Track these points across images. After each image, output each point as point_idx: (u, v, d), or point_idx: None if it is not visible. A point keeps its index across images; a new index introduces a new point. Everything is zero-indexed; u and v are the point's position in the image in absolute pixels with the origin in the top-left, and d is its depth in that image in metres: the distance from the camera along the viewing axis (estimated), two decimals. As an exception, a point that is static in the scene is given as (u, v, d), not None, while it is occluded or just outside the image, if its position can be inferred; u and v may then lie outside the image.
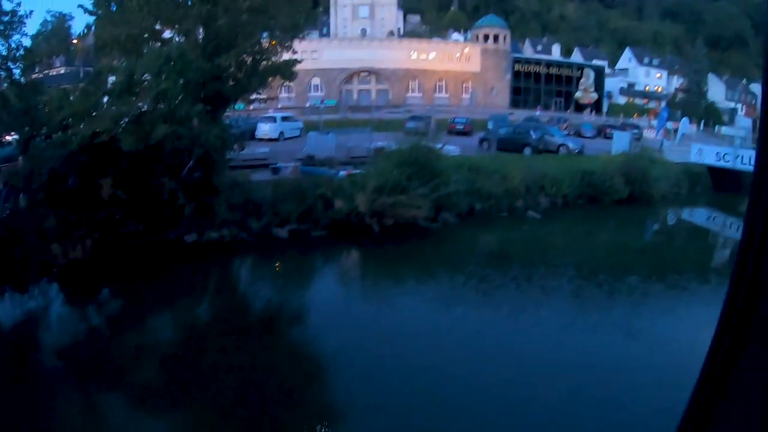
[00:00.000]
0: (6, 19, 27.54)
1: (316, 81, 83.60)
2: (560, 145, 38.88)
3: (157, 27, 22.89)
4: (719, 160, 37.50)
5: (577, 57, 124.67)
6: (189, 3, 22.27)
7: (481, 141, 39.55)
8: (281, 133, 40.23)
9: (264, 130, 39.50)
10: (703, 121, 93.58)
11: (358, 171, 24.27)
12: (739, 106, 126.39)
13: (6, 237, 19.07)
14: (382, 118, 56.11)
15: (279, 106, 62.59)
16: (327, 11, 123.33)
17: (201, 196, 20.77)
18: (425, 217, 22.48)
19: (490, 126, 48.30)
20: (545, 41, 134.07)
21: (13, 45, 27.62)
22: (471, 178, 25.44)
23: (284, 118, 42.96)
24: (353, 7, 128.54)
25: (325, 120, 46.60)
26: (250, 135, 36.36)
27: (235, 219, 21.15)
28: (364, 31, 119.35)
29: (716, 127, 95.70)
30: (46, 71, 36.69)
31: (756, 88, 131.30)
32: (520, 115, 69.43)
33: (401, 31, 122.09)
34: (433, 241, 21.69)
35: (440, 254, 21.14)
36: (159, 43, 22.47)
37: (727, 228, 31.72)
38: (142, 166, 20.47)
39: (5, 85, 27.15)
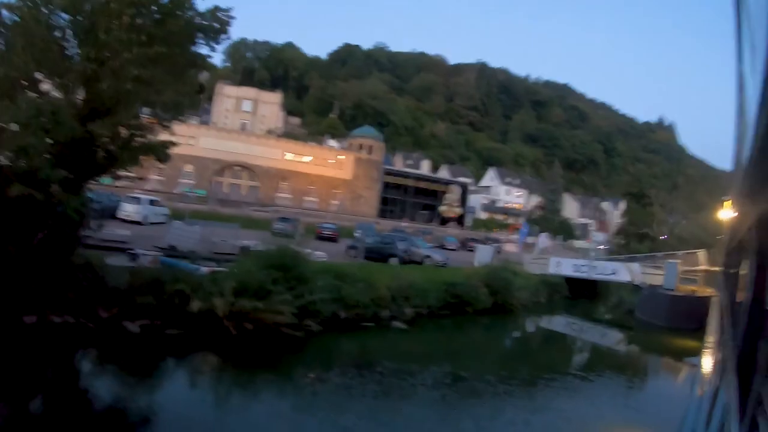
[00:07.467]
0: None
1: (188, 168, 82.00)
2: (425, 257, 39.84)
3: (38, 76, 20.22)
4: (576, 271, 39.86)
5: (444, 173, 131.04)
6: (74, 57, 20.14)
7: (349, 248, 39.60)
8: (145, 216, 38.37)
9: (127, 210, 37.49)
10: (561, 236, 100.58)
11: (221, 269, 22.91)
12: (591, 221, 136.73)
13: None
14: (250, 215, 56.07)
15: (146, 187, 60.39)
16: (210, 98, 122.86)
17: (47, 273, 18.38)
18: (287, 324, 21.16)
19: (357, 234, 48.87)
20: (416, 156, 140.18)
21: None
22: (337, 285, 24.66)
23: (151, 202, 41.15)
24: (237, 99, 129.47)
25: (192, 210, 45.36)
26: (112, 213, 34.49)
27: (82, 304, 18.63)
28: (244, 125, 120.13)
29: (569, 241, 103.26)
30: None
31: (606, 205, 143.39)
32: (386, 225, 71.18)
33: (280, 131, 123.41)
34: (294, 349, 20.41)
35: (300, 362, 20.01)
36: (35, 94, 19.95)
37: (583, 332, 33.51)
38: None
39: None
